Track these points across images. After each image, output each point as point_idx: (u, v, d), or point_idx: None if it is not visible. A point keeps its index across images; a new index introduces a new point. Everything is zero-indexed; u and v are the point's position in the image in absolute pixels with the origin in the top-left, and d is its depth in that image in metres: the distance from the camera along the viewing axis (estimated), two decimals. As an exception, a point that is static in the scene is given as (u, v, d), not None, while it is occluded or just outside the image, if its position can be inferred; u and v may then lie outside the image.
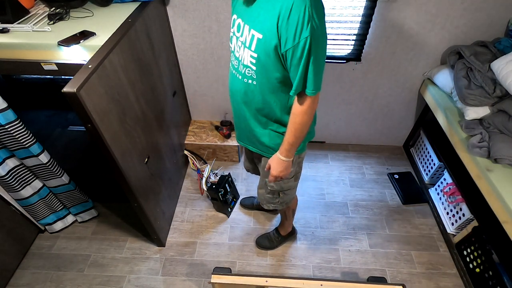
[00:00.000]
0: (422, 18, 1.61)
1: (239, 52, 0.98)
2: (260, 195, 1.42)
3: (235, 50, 1.01)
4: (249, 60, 0.94)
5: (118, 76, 1.15)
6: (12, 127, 1.27)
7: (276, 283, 1.23)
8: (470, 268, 1.59)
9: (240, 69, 1.00)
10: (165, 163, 1.75)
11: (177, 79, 1.94)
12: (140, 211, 1.45)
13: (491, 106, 1.48)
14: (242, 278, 1.25)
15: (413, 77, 1.90)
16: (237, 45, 0.98)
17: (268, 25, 0.84)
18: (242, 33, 0.94)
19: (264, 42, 0.87)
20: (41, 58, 1.17)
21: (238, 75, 1.03)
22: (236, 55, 1.00)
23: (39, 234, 1.84)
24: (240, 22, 0.94)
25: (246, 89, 1.03)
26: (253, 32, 0.89)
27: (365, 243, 1.81)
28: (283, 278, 1.28)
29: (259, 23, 0.86)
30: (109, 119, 1.09)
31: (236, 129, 1.29)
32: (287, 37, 0.81)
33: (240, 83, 1.04)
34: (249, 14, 0.90)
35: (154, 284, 1.63)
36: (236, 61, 1.01)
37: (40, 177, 1.55)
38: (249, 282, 1.24)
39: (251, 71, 0.97)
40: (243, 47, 0.95)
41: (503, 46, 1.55)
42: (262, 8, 0.85)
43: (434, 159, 1.96)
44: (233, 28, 0.99)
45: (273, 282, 1.22)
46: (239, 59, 0.99)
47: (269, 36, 0.85)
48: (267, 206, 1.43)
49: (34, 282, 1.64)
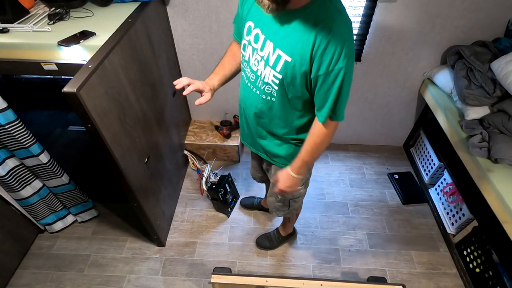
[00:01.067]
0: (422, 18, 1.61)
1: (257, 66, 0.93)
2: (270, 203, 1.42)
3: (250, 62, 0.96)
4: (271, 79, 0.91)
5: (118, 76, 1.15)
6: (12, 127, 1.27)
7: (276, 283, 1.23)
8: (470, 268, 1.59)
9: (259, 84, 0.96)
10: (165, 163, 1.75)
11: (177, 79, 1.94)
12: (140, 211, 1.45)
13: (491, 106, 1.48)
14: (242, 278, 1.25)
15: (413, 77, 1.90)
16: (254, 58, 0.93)
17: (300, 49, 0.81)
18: (262, 47, 0.89)
19: (293, 65, 0.84)
20: (41, 58, 1.17)
21: (255, 89, 0.99)
22: (253, 68, 0.95)
23: (39, 234, 1.84)
24: (259, 33, 0.89)
25: (263, 104, 1.00)
26: (279, 53, 0.85)
27: (365, 243, 1.81)
28: (283, 278, 1.28)
29: (289, 45, 0.82)
30: (109, 119, 1.09)
31: (245, 136, 1.26)
32: (321, 64, 0.80)
33: (257, 98, 1.00)
34: (273, 29, 0.85)
35: (154, 284, 1.63)
36: (253, 74, 0.96)
37: (40, 177, 1.55)
38: (249, 282, 1.24)
39: (271, 88, 0.94)
40: (264, 64, 0.90)
41: (503, 46, 1.55)
42: (293, 29, 0.81)
43: (434, 159, 1.96)
44: (248, 36, 0.93)
45: (273, 282, 1.22)
46: (258, 74, 0.94)
47: (300, 61, 0.82)
48: (276, 213, 1.44)
49: (34, 282, 1.64)
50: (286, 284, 1.23)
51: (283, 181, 1.09)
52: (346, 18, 0.80)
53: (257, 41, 0.90)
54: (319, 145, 0.97)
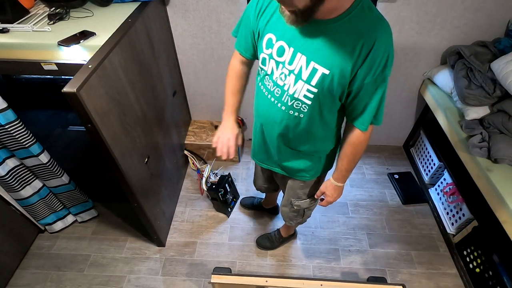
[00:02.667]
0: (422, 18, 1.61)
1: (284, 81, 0.88)
2: (284, 212, 1.42)
3: (274, 75, 0.90)
4: (303, 94, 0.86)
5: (118, 76, 1.15)
6: (12, 127, 1.27)
7: (276, 283, 1.23)
8: (470, 268, 1.59)
9: (285, 100, 0.91)
10: (165, 163, 1.75)
11: (177, 79, 1.94)
12: (140, 211, 1.45)
13: (491, 106, 1.48)
14: (242, 278, 1.25)
15: (413, 77, 1.90)
16: (279, 71, 0.88)
17: (340, 62, 0.77)
18: (291, 61, 0.83)
19: (331, 78, 0.80)
20: (41, 58, 1.17)
21: (280, 104, 0.93)
22: (278, 83, 0.90)
23: (39, 234, 1.84)
24: (285, 46, 0.83)
25: (290, 121, 0.95)
26: (315, 65, 0.80)
27: (365, 243, 1.81)
28: (283, 278, 1.28)
29: (327, 57, 0.78)
30: (109, 119, 1.09)
31: (259, 153, 1.22)
32: (364, 75, 0.78)
33: (282, 114, 0.95)
34: (304, 41, 0.80)
35: (154, 284, 1.63)
36: (279, 89, 0.91)
37: (40, 177, 1.55)
38: (249, 282, 1.24)
39: (301, 104, 0.89)
40: (295, 78, 0.85)
41: (503, 46, 1.55)
42: (329, 40, 0.76)
43: (434, 159, 1.96)
44: (269, 50, 0.87)
45: (273, 282, 1.22)
46: (285, 89, 0.89)
47: (339, 73, 0.78)
48: (289, 222, 1.45)
49: (34, 282, 1.64)
50: (286, 284, 1.23)
51: (331, 194, 1.10)
52: (387, 26, 0.77)
53: (281, 55, 0.85)
54: (360, 152, 0.98)
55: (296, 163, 1.12)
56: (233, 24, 1.68)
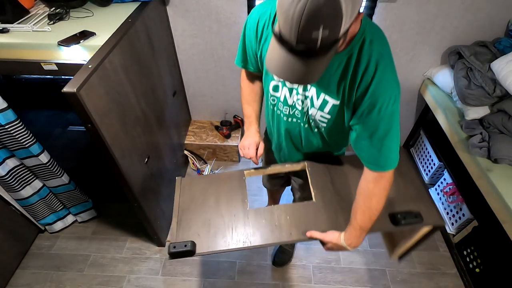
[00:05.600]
0: (422, 18, 1.61)
1: (302, 105, 0.88)
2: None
3: (289, 101, 0.90)
4: (318, 119, 0.87)
5: (118, 76, 1.15)
6: (12, 127, 1.27)
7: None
8: (470, 268, 1.59)
9: (306, 119, 0.92)
10: (165, 163, 1.75)
11: (177, 79, 1.94)
12: (140, 211, 1.45)
13: (491, 106, 1.48)
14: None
15: (413, 77, 1.90)
16: (294, 97, 0.88)
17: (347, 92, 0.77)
18: (304, 88, 0.84)
19: (340, 107, 0.80)
20: (41, 58, 1.17)
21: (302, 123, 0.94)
22: (297, 106, 0.90)
23: (39, 234, 1.84)
24: None
25: (308, 135, 0.97)
26: (325, 97, 0.81)
27: (365, 243, 1.81)
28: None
29: (333, 89, 0.78)
30: (109, 119, 1.09)
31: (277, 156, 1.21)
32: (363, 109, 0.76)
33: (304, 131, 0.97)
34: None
35: (154, 284, 1.63)
36: (298, 111, 0.91)
37: (40, 177, 1.55)
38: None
39: (319, 123, 0.90)
40: (310, 104, 0.85)
41: (503, 46, 1.55)
42: (334, 73, 0.76)
43: (434, 159, 1.96)
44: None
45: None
46: (304, 111, 0.90)
47: (347, 103, 0.79)
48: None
49: (34, 282, 1.64)
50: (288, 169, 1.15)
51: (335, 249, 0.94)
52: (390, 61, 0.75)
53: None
54: (377, 206, 0.83)
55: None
56: (233, 24, 1.68)
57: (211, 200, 1.06)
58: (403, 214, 0.95)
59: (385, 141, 0.77)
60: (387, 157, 0.79)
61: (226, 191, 1.08)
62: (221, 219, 1.00)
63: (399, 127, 0.79)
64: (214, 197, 1.06)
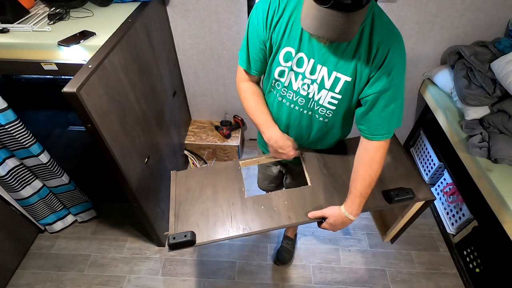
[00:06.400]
0: (422, 18, 1.61)
1: (307, 90, 0.90)
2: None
3: (293, 86, 0.91)
4: (327, 101, 0.89)
5: (118, 76, 1.15)
6: (12, 127, 1.27)
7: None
8: (470, 268, 1.59)
9: (311, 106, 0.93)
10: (165, 163, 1.75)
11: (177, 79, 1.94)
12: (140, 211, 1.45)
13: (491, 106, 1.48)
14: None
15: (413, 77, 1.90)
16: (299, 82, 0.89)
17: (358, 68, 0.80)
18: (313, 71, 0.86)
19: (353, 83, 0.83)
20: (41, 58, 1.17)
21: (306, 111, 0.96)
22: (301, 92, 0.91)
23: (39, 234, 1.84)
24: (304, 57, 0.85)
25: (314, 124, 0.99)
26: (337, 75, 0.83)
27: (365, 243, 1.81)
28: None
29: (347, 65, 0.81)
30: (109, 119, 1.09)
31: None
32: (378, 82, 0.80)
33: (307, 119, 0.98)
34: (323, 52, 0.82)
35: (154, 284, 1.63)
36: (302, 98, 0.93)
37: (40, 177, 1.55)
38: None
39: (325, 110, 0.92)
40: (318, 87, 0.87)
41: (503, 46, 1.55)
42: (345, 50, 0.80)
43: (434, 159, 1.96)
44: (289, 63, 0.88)
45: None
46: (309, 97, 0.91)
47: (359, 79, 0.82)
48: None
49: (34, 282, 1.64)
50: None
51: (336, 225, 0.94)
52: (398, 35, 0.82)
53: (301, 65, 0.86)
54: (376, 172, 0.90)
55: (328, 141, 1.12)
56: (233, 24, 1.68)
57: (208, 191, 1.06)
58: (395, 191, 0.99)
59: (394, 109, 0.84)
60: (391, 124, 0.86)
61: (222, 182, 1.08)
62: (219, 208, 1.00)
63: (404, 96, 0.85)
64: (211, 187, 1.06)
